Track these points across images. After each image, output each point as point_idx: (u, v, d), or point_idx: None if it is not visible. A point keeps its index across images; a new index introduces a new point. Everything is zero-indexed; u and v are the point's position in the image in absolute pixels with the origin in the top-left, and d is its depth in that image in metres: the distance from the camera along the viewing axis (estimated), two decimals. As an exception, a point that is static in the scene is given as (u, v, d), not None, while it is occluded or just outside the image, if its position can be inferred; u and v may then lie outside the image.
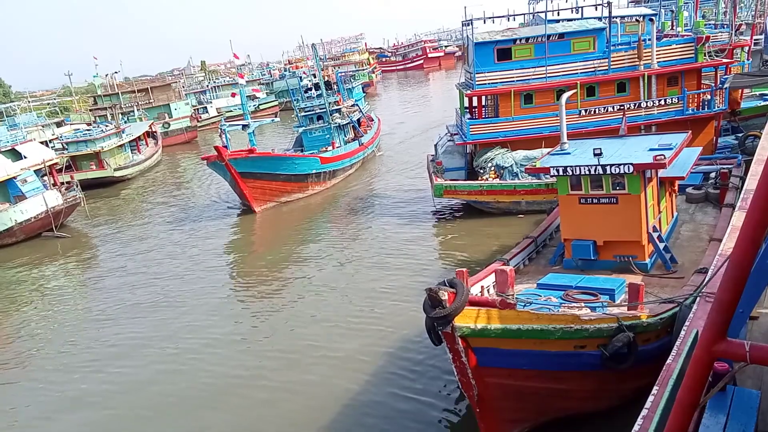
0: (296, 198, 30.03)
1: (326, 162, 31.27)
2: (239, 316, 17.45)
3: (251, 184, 27.91)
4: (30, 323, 19.58)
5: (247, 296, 19.22)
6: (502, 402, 9.34)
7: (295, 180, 29.69)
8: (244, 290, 19.85)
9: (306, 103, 36.14)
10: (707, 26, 26.94)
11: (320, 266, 20.56)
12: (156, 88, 68.54)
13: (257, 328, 16.58)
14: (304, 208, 29.01)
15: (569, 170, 12.51)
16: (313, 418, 11.73)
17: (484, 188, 22.17)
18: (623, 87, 22.69)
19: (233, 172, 27.04)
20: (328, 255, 21.61)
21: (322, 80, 35.90)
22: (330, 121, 34.97)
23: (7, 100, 77.79)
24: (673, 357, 6.99)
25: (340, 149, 33.45)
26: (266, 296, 18.83)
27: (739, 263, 3.32)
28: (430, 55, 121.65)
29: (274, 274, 20.64)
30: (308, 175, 30.24)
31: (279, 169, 28.81)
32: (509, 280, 11.40)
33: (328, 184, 31.83)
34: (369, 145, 37.15)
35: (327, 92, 35.85)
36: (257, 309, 17.91)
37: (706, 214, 15.73)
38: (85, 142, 43.90)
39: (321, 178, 31.19)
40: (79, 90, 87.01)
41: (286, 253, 22.76)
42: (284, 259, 22.07)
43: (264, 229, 27.51)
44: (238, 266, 22.68)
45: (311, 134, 35.34)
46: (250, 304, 18.49)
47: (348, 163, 33.76)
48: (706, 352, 3.49)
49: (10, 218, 28.90)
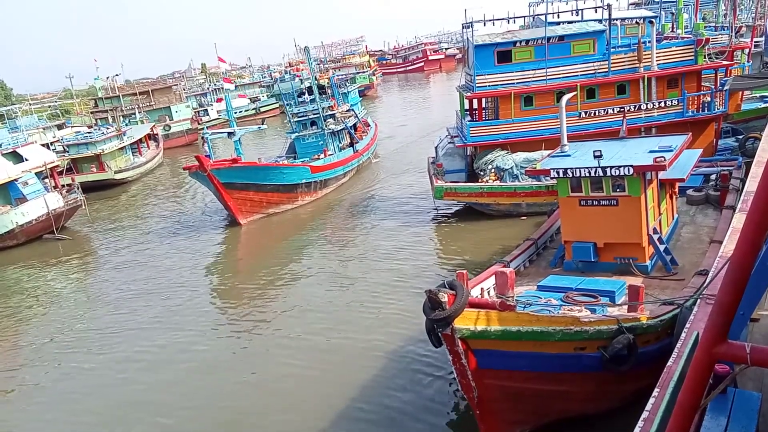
0: (285, 209, 28.64)
1: (317, 171, 29.84)
2: (231, 323, 17.38)
3: (236, 195, 26.53)
4: (29, 326, 19.56)
5: (247, 299, 19.20)
6: (501, 404, 9.33)
7: (283, 190, 28.29)
8: (243, 296, 19.81)
9: (299, 108, 34.88)
10: (707, 28, 26.98)
11: (315, 271, 20.47)
12: (157, 91, 68.63)
13: (254, 334, 16.55)
14: (294, 220, 27.70)
15: (569, 172, 12.51)
16: (314, 420, 11.71)
17: (484, 190, 22.18)
18: (623, 89, 22.70)
19: (216, 183, 25.74)
20: (322, 259, 21.50)
21: (315, 84, 34.54)
22: (324, 127, 33.70)
23: (8, 102, 77.92)
24: (674, 359, 6.97)
25: (333, 157, 32.06)
26: (265, 297, 18.83)
27: (739, 265, 3.32)
28: (430, 57, 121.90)
29: (271, 283, 20.58)
30: (297, 185, 28.83)
31: (266, 179, 27.40)
32: (509, 282, 11.39)
33: (319, 194, 30.42)
34: (364, 151, 35.91)
35: (320, 97, 34.63)
36: (255, 316, 17.87)
37: (706, 216, 15.72)
38: (86, 145, 43.94)
39: (311, 188, 29.77)
40: (80, 92, 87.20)
41: (287, 259, 22.73)
42: (285, 262, 22.06)
43: (249, 242, 26.07)
44: (224, 280, 21.62)
45: (304, 141, 34.08)
46: (248, 308, 18.46)
47: (341, 171, 32.38)
48: (706, 354, 3.48)
49: (12, 220, 28.91)
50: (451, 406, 11.63)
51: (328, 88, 38.08)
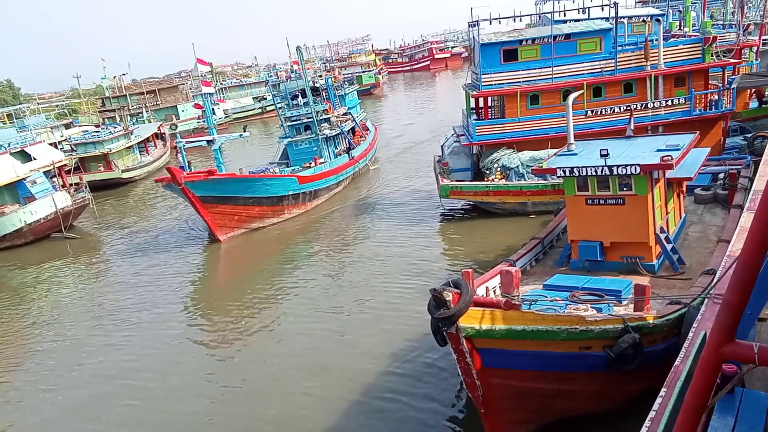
0: (271, 223, 26.55)
1: (305, 181, 27.55)
2: (233, 331, 17.27)
3: (214, 209, 24.56)
4: (35, 324, 19.68)
5: (245, 303, 19.25)
6: (506, 403, 9.31)
7: (267, 203, 26.14)
8: (242, 303, 19.84)
9: (292, 112, 32.58)
10: (715, 26, 26.82)
11: (304, 282, 20.09)
12: (164, 90, 68.97)
13: (255, 337, 16.59)
14: (281, 234, 25.57)
15: (576, 171, 12.46)
16: (319, 419, 11.73)
17: (490, 189, 22.13)
18: (630, 87, 22.59)
19: (191, 197, 23.81)
20: (312, 268, 20.96)
21: (309, 86, 32.09)
22: (318, 131, 31.57)
23: (16, 102, 78.41)
24: (681, 359, 6.94)
25: (324, 165, 29.71)
26: (265, 301, 18.87)
27: (747, 265, 3.30)
28: (436, 56, 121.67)
29: (270, 289, 20.59)
30: (283, 198, 26.61)
31: (247, 191, 25.24)
32: (514, 281, 11.38)
33: (308, 205, 28.21)
34: (361, 158, 33.74)
35: (315, 99, 32.55)
36: (256, 318, 17.91)
37: (714, 215, 15.63)
38: (94, 144, 44.18)
39: (300, 200, 27.56)
40: (87, 92, 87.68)
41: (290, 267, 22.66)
42: (286, 269, 22.05)
43: (228, 260, 24.43)
44: (197, 303, 19.66)
45: (297, 146, 31.92)
46: (247, 313, 18.50)
47: (333, 180, 30.07)
48: (714, 353, 3.47)
49: (20, 219, 29.12)
50: (456, 404, 11.62)
51: (323, 90, 35.87)
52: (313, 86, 34.08)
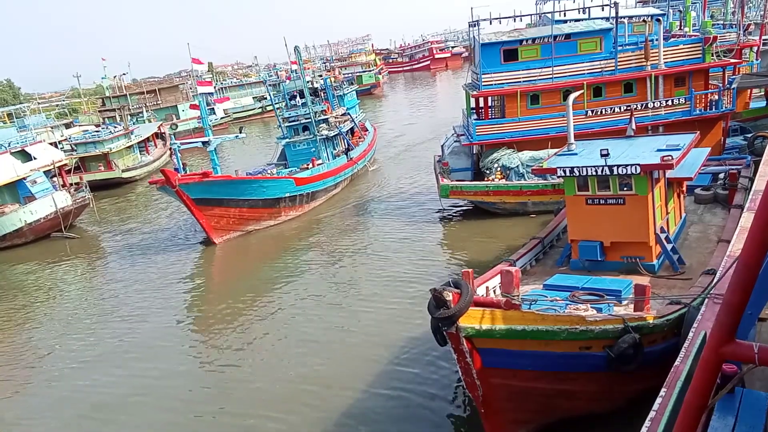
0: (267, 226, 26.24)
1: (302, 183, 27.24)
2: (232, 334, 17.39)
3: (209, 212, 24.33)
4: (36, 323, 19.71)
5: (244, 304, 19.27)
6: (506, 403, 9.31)
7: (263, 205, 25.87)
8: (241, 306, 19.88)
9: (290, 112, 32.37)
10: (715, 26, 26.80)
11: (310, 277, 20.26)
12: (164, 90, 68.95)
13: (255, 341, 16.61)
14: (278, 236, 25.28)
15: (576, 171, 12.46)
16: (319, 419, 11.75)
17: (490, 189, 22.13)
18: (630, 87, 22.59)
19: (186, 199, 23.54)
20: (310, 270, 20.72)
21: (307, 87, 31.91)
22: (316, 132, 31.38)
23: (16, 101, 78.42)
24: (681, 359, 6.94)
25: (322, 167, 29.46)
26: (264, 303, 18.88)
27: (747, 265, 3.30)
28: (436, 55, 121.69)
29: (270, 292, 20.61)
30: (280, 200, 26.32)
31: (243, 194, 25.03)
32: (514, 281, 11.37)
33: (305, 207, 27.93)
34: (360, 159, 33.36)
35: (313, 100, 32.39)
36: (255, 321, 17.93)
37: (714, 215, 15.63)
38: (94, 144, 44.20)
39: (296, 202, 27.29)
40: (87, 91, 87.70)
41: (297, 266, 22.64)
42: (288, 272, 22.06)
43: (223, 262, 24.16)
44: (187, 308, 19.27)
45: (295, 147, 31.66)
46: (246, 316, 18.53)
47: (331, 182, 29.76)
48: (714, 353, 3.47)
49: (20, 219, 29.13)
50: (456, 404, 11.62)
51: (321, 90, 35.59)
52: (312, 86, 33.80)
